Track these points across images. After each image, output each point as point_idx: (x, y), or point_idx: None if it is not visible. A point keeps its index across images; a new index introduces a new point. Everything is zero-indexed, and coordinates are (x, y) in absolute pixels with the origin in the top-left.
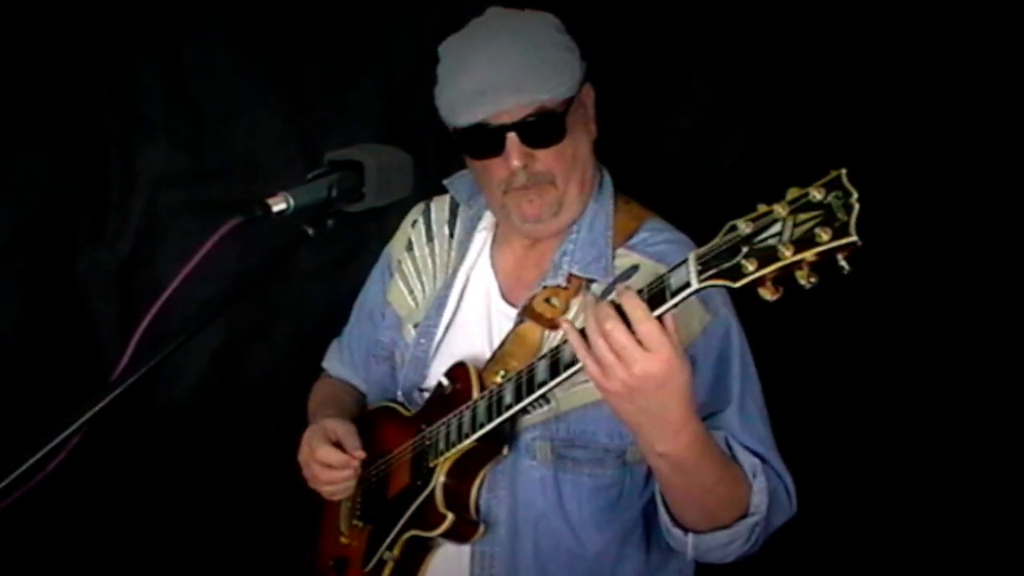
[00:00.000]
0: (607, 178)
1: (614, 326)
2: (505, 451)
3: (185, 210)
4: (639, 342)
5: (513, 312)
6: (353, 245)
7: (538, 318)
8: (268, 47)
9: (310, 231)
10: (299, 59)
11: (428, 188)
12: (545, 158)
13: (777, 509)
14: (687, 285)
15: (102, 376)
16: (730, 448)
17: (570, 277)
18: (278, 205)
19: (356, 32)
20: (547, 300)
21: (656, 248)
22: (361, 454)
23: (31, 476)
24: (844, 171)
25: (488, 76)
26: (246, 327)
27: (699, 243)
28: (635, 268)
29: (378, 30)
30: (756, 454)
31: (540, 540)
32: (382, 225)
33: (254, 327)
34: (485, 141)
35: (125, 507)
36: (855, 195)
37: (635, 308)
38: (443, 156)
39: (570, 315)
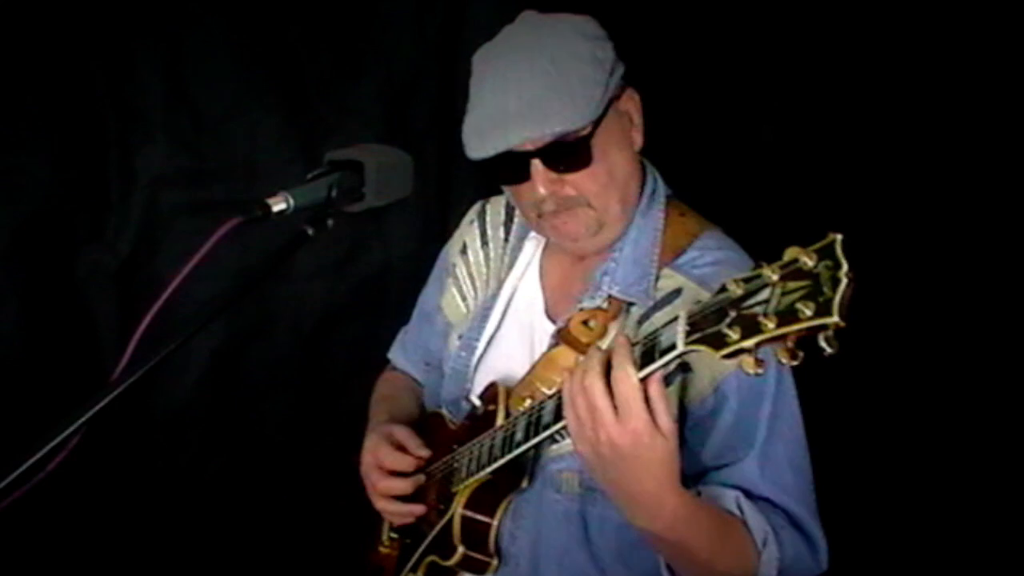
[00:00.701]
0: (659, 187)
1: (592, 383)
2: (525, 483)
3: (185, 210)
4: (614, 405)
5: (553, 329)
6: (353, 245)
7: (573, 342)
8: (268, 47)
9: (310, 231)
10: (299, 59)
11: (428, 188)
12: (575, 181)
13: (796, 567)
14: (673, 347)
15: (102, 376)
16: (741, 511)
17: (610, 298)
18: (278, 205)
19: (356, 32)
20: (584, 322)
21: (703, 270)
22: (426, 452)
23: (31, 476)
24: (839, 237)
25: (501, 105)
26: (246, 327)
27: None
28: (678, 292)
29: (378, 30)
30: (780, 506)
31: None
32: (382, 225)
33: (254, 327)
34: (509, 168)
35: (125, 507)
36: (845, 267)
37: (619, 366)
38: (443, 156)
39: (607, 340)
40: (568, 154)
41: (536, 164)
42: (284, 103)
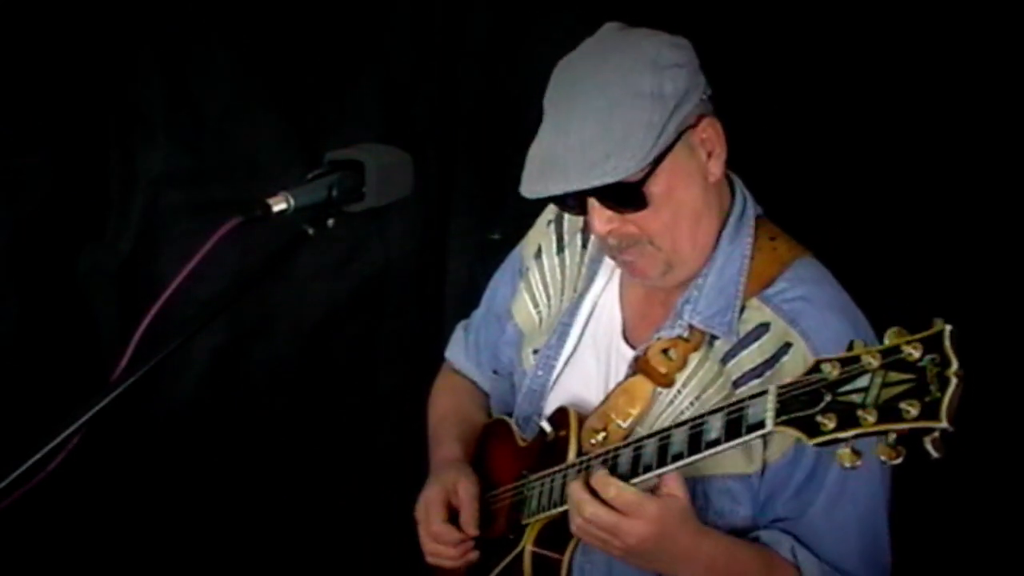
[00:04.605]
0: (749, 209)
1: (594, 511)
2: None
3: (185, 210)
4: (622, 512)
5: (630, 355)
6: (353, 245)
7: (651, 372)
8: (268, 47)
9: (310, 231)
10: (299, 59)
11: (428, 188)
12: (636, 220)
13: None
14: (762, 424)
15: (102, 376)
16: (795, 556)
17: (691, 328)
18: (278, 205)
19: (356, 32)
20: (664, 351)
21: (792, 305)
22: (473, 531)
23: (31, 476)
24: (947, 329)
25: (551, 148)
26: (246, 327)
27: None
28: (765, 327)
29: (378, 30)
30: (840, 569)
31: None
32: (382, 225)
33: (254, 327)
34: (566, 203)
35: (125, 507)
36: (954, 365)
37: (605, 489)
38: (443, 156)
39: (687, 371)
40: (620, 197)
41: (592, 201)
42: (284, 103)
